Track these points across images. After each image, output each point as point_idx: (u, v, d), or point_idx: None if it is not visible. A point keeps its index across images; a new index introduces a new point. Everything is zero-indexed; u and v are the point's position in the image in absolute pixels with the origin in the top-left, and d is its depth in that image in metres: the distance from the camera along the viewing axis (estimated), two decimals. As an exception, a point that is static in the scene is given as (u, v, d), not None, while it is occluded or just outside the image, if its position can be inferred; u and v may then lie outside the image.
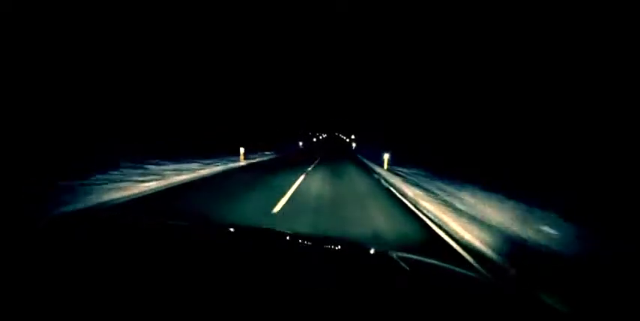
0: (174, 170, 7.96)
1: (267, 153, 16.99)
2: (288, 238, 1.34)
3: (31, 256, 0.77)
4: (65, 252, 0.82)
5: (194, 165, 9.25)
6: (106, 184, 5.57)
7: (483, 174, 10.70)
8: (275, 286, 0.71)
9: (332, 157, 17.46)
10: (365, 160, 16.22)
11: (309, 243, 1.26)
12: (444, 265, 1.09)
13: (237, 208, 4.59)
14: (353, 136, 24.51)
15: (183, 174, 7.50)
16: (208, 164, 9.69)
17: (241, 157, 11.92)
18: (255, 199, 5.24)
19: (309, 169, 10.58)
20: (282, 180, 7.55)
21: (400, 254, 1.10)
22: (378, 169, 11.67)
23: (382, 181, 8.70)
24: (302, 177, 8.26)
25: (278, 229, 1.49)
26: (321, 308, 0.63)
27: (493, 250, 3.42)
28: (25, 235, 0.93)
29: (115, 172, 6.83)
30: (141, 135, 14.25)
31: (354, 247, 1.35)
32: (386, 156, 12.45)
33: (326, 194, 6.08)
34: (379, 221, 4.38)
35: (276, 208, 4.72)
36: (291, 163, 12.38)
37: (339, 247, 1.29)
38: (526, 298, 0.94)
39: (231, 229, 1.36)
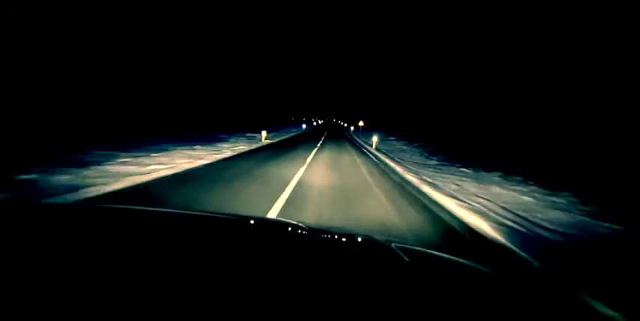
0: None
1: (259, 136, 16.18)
2: (280, 228, 1.22)
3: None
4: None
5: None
6: None
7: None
8: (269, 284, 0.63)
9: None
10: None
11: (303, 234, 1.16)
12: (452, 257, 1.00)
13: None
14: (361, 123, 25.03)
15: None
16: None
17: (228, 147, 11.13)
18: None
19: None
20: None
21: (401, 245, 1.03)
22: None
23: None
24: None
25: (271, 217, 1.38)
26: (322, 306, 0.56)
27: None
28: None
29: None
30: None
31: (350, 238, 1.24)
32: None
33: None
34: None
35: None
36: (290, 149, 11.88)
37: (335, 237, 1.21)
38: (560, 298, 0.85)
39: (220, 218, 1.27)
